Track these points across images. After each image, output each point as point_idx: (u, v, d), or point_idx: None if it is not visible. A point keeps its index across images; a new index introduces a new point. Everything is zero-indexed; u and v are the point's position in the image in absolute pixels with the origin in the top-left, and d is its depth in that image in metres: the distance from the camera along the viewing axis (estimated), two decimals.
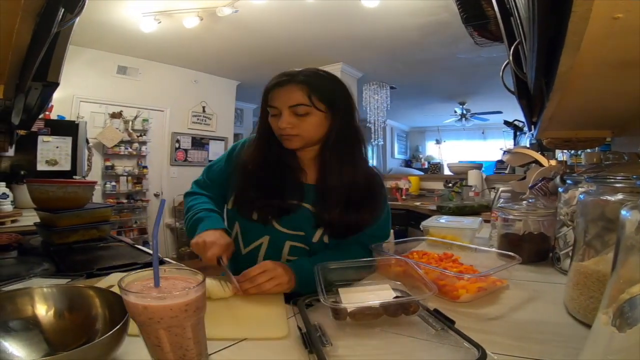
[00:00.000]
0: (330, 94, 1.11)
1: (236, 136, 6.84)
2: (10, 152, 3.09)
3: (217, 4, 3.78)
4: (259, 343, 0.72)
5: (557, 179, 1.39)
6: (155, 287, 0.59)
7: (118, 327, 0.57)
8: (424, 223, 1.68)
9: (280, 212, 1.15)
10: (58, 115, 4.23)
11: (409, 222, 3.85)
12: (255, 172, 1.18)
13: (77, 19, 0.93)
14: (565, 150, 2.31)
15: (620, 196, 0.71)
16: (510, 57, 1.05)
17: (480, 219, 1.78)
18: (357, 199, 1.12)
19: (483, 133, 10.55)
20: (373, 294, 0.84)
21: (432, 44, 4.75)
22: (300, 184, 1.18)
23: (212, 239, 1.04)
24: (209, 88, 6.09)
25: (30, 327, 0.68)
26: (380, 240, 1.22)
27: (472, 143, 10.87)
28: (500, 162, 5.32)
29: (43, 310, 0.71)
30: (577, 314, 0.79)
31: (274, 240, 1.17)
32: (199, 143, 6.15)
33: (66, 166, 3.81)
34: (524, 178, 2.30)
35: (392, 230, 3.77)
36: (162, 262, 1.41)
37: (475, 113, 8.71)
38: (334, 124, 1.12)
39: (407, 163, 11.26)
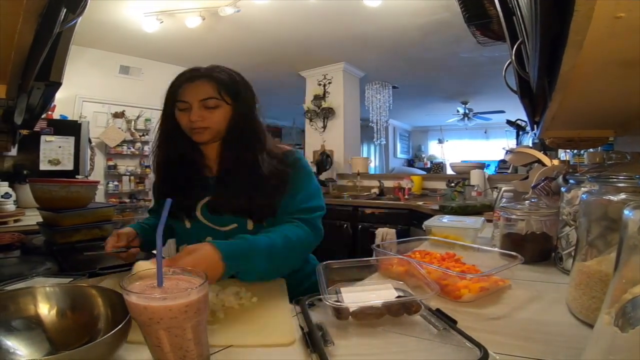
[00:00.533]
0: (236, 87, 1.17)
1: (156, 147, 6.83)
2: (13, 151, 3.09)
3: (219, 3, 3.78)
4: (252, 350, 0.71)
5: (560, 179, 1.38)
6: (158, 287, 0.59)
7: (120, 326, 0.57)
8: (427, 223, 1.67)
9: (190, 209, 1.19)
10: (61, 115, 4.24)
11: (411, 222, 3.85)
12: (162, 173, 1.25)
13: (80, 19, 0.93)
14: (567, 150, 2.31)
15: (622, 196, 0.71)
16: (513, 57, 1.05)
17: (483, 218, 1.78)
18: (261, 184, 1.14)
19: (485, 132, 10.54)
20: (375, 294, 0.84)
21: (435, 43, 4.75)
22: (204, 178, 1.22)
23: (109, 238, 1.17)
24: None
25: (32, 327, 0.69)
26: (316, 213, 1.19)
27: (475, 142, 10.86)
28: (502, 161, 5.32)
29: (45, 310, 0.72)
30: (580, 314, 0.78)
31: (215, 239, 1.09)
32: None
33: (69, 166, 3.82)
34: (527, 178, 2.29)
35: (394, 230, 3.77)
36: None
37: (478, 112, 8.70)
38: (235, 115, 1.17)
39: (410, 162, 11.26)
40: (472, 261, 1.11)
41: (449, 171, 5.31)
